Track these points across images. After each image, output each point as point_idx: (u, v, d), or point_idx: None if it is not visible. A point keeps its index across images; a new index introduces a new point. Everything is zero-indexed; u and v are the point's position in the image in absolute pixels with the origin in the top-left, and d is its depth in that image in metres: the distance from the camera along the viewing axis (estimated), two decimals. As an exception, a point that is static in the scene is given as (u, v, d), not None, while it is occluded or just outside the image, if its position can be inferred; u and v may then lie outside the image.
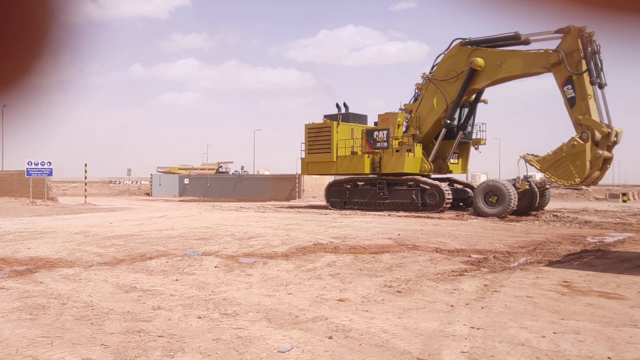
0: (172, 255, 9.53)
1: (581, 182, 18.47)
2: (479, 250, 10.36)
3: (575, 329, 4.79)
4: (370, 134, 24.09)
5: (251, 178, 46.53)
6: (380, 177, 24.00)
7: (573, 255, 9.88)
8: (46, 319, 5.12)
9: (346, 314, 5.38)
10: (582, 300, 6.02)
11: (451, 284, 6.99)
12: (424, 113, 23.17)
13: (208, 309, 5.61)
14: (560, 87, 18.42)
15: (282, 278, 7.48)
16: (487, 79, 21.18)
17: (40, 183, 30.39)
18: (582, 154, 17.49)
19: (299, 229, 14.55)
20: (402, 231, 13.93)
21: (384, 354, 4.10)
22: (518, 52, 20.34)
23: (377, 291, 6.56)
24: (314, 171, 27.09)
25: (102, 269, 8.19)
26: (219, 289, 6.72)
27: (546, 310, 5.54)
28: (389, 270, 8.10)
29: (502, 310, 5.51)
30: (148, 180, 56.53)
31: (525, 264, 8.76)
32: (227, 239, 12.25)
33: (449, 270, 8.16)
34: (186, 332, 4.69)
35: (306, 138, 26.25)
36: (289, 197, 38.22)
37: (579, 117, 17.73)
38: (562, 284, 6.95)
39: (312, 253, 9.97)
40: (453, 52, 22.00)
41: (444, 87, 22.23)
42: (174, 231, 13.98)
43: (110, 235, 12.83)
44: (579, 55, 18.00)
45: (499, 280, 7.21)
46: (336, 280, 7.29)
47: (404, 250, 10.39)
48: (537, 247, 10.83)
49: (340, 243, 11.41)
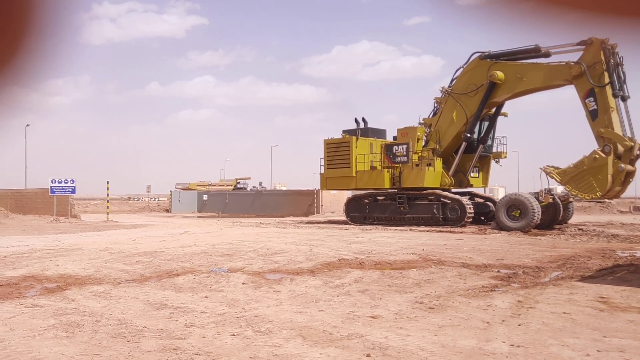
0: (199, 272, 9.54)
1: (602, 196, 18.17)
2: (507, 265, 10.21)
3: (619, 346, 4.67)
4: (390, 148, 24.03)
5: (269, 194, 46.65)
6: (400, 191, 23.88)
7: (605, 269, 9.68)
8: (82, 337, 5.13)
9: (381, 331, 5.31)
10: (622, 316, 5.88)
11: (483, 300, 6.88)
12: (443, 127, 23.08)
13: (241, 326, 5.58)
14: (582, 99, 18.21)
15: (311, 294, 7.43)
16: (507, 92, 21.04)
17: (64, 201, 30.80)
18: (604, 168, 17.21)
19: (321, 245, 14.50)
20: (426, 246, 13.81)
21: (425, 372, 4.03)
22: (539, 64, 20.20)
23: (409, 307, 6.48)
24: (334, 186, 27.06)
25: (131, 286, 8.22)
26: (249, 305, 6.70)
27: (586, 327, 5.41)
28: (418, 286, 8.01)
29: (540, 327, 5.39)
30: (167, 196, 56.97)
31: (557, 279, 8.60)
32: (251, 255, 12.24)
33: (479, 285, 8.04)
34: (222, 350, 4.66)
35: (325, 153, 26.27)
36: (307, 212, 38.18)
37: (601, 130, 17.49)
38: (599, 300, 6.79)
39: (337, 269, 9.91)
40: (472, 66, 21.94)
41: (463, 100, 22.14)
42: (197, 247, 14.02)
43: (135, 252, 12.91)
44: (601, 67, 17.81)
45: (532, 296, 7.08)
46: (366, 297, 7.22)
47: (431, 265, 10.28)
48: (567, 262, 10.64)
49: (364, 259, 11.33)
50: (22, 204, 35.97)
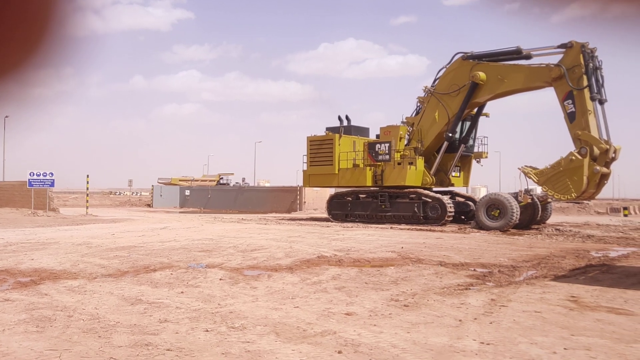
0: (177, 267, 9.49)
1: (577, 197, 18.48)
2: (484, 264, 10.33)
3: (586, 345, 4.76)
4: (372, 146, 24.12)
5: (252, 190, 46.51)
6: (382, 189, 23.99)
7: (578, 269, 9.85)
8: (53, 332, 5.09)
9: (354, 328, 5.34)
10: (590, 315, 5.99)
11: (458, 298, 6.96)
12: (425, 126, 23.23)
13: (215, 322, 5.58)
14: (560, 101, 18.48)
15: (287, 291, 7.45)
16: (489, 92, 21.25)
17: (42, 194, 30.38)
18: (580, 169, 17.51)
19: (301, 242, 14.52)
20: (406, 244, 13.90)
21: (395, 369, 4.07)
22: (520, 66, 20.43)
23: (384, 305, 6.53)
24: (316, 183, 27.09)
25: (107, 281, 8.15)
26: (225, 301, 6.69)
27: (555, 325, 5.51)
28: (394, 284, 8.07)
29: (511, 326, 5.48)
30: (149, 191, 56.50)
31: (530, 278, 8.73)
32: (231, 251, 12.22)
33: (455, 284, 8.13)
34: (194, 346, 4.66)
35: (308, 150, 26.27)
36: (290, 209, 38.17)
37: (578, 132, 17.78)
38: (570, 299, 6.92)
39: (316, 266, 9.93)
40: (455, 66, 22.11)
41: (445, 100, 22.30)
42: (176, 243, 13.95)
43: (113, 247, 12.80)
44: (580, 70, 18.09)
45: (505, 295, 7.18)
46: (342, 294, 7.26)
47: (409, 263, 10.36)
48: (542, 261, 10.80)
49: (344, 256, 11.37)
50: (-1, 196, 35.39)
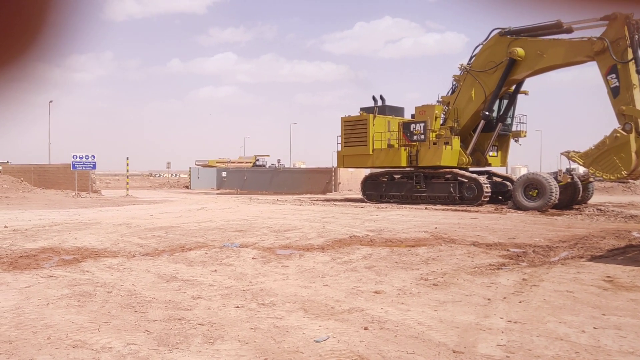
0: (211, 247, 9.73)
1: (628, 175, 17.83)
2: (518, 244, 10.20)
3: (616, 324, 4.70)
4: (407, 126, 23.89)
5: (287, 171, 46.83)
6: (417, 170, 23.80)
7: (617, 250, 9.63)
8: (93, 306, 5.34)
9: (382, 306, 5.41)
10: (625, 295, 5.88)
11: (488, 278, 6.93)
12: (461, 105, 22.84)
13: (246, 299, 5.74)
14: (604, 76, 17.84)
15: (318, 270, 7.56)
16: (528, 69, 20.69)
17: (85, 176, 31.40)
18: (627, 146, 16.91)
19: (335, 222, 14.61)
20: (439, 224, 13.83)
21: (419, 345, 4.13)
22: (560, 40, 19.78)
23: (413, 284, 6.57)
24: (350, 164, 27.08)
25: (144, 259, 8.44)
26: (257, 279, 6.85)
27: (587, 305, 5.44)
28: (425, 264, 8.08)
29: (540, 305, 5.44)
30: (187, 173, 57.61)
31: (566, 259, 8.59)
32: (264, 231, 12.42)
33: (487, 264, 8.08)
34: (225, 321, 4.81)
35: (342, 131, 26.21)
36: (325, 190, 38.31)
37: (622, 107, 17.16)
38: (605, 279, 6.79)
39: (348, 246, 10.01)
40: (492, 43, 21.56)
41: (482, 78, 21.83)
42: (212, 223, 14.25)
43: (151, 227, 13.19)
44: (624, 43, 17.39)
45: (538, 275, 7.10)
46: (372, 273, 7.32)
47: (441, 243, 10.32)
48: (579, 242, 10.58)
49: (376, 236, 11.41)
50: (45, 178, 36.76)
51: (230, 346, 4.09)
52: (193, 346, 4.08)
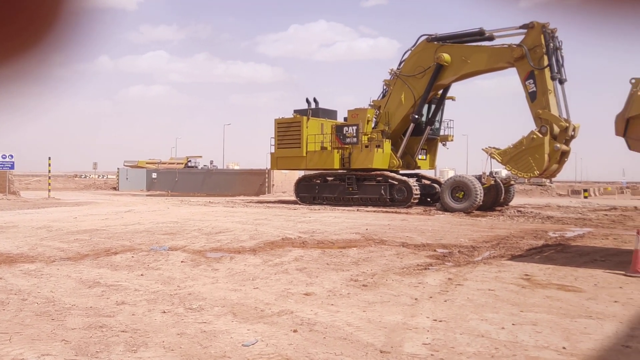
0: (138, 250, 9.41)
1: (540, 175, 19.02)
2: (445, 245, 10.54)
3: (533, 320, 4.94)
4: (340, 129, 24.16)
5: (220, 173, 46.11)
6: (349, 172, 24.11)
7: (535, 249, 10.15)
8: (5, 315, 5.01)
9: (311, 308, 5.42)
10: (541, 292, 6.21)
11: (416, 278, 7.10)
12: (392, 109, 23.36)
13: (173, 303, 5.58)
14: (522, 81, 18.89)
15: (248, 272, 7.48)
16: (454, 74, 21.50)
17: (2, 177, 29.51)
18: (541, 147, 17.98)
19: (267, 224, 14.53)
20: (370, 226, 14.06)
21: (347, 346, 4.16)
22: (483, 47, 20.74)
23: (343, 285, 6.62)
24: (284, 166, 27.05)
25: (65, 264, 8.03)
26: (185, 283, 6.68)
27: (506, 302, 5.69)
28: (355, 265, 8.18)
29: (464, 303, 5.63)
30: (115, 174, 55.48)
31: (488, 258, 8.96)
32: (195, 233, 12.15)
33: (415, 264, 8.29)
34: (150, 327, 4.65)
35: (276, 133, 26.14)
36: (259, 192, 38.05)
37: (539, 111, 18.22)
38: (523, 277, 7.14)
39: (280, 248, 9.98)
40: (420, 48, 22.25)
41: (411, 82, 22.45)
42: (140, 226, 13.79)
43: (75, 230, 12.58)
44: (541, 50, 18.47)
45: (462, 274, 7.36)
46: (303, 275, 7.33)
47: (371, 244, 10.49)
48: (501, 242, 11.08)
49: (308, 238, 11.44)
50: (-43, 179, 34.23)
51: (154, 353, 3.95)
52: (114, 355, 3.91)
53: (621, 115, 8.25)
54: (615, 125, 8.41)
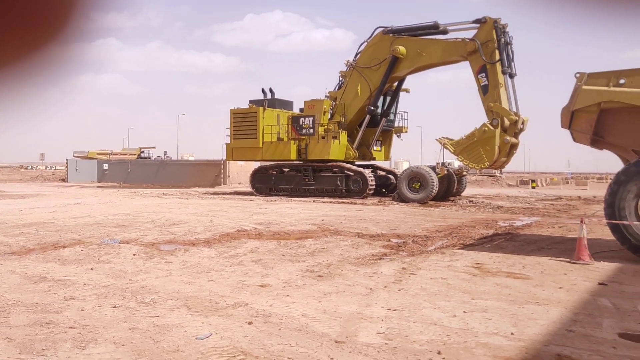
0: (88, 244, 9.13)
1: (490, 166, 19.57)
2: (399, 235, 10.69)
3: (483, 307, 5.07)
4: (297, 120, 24.10)
5: (174, 164, 45.27)
6: (305, 163, 24.11)
7: (485, 238, 10.43)
8: (-57, 314, 4.76)
9: (267, 300, 5.39)
10: (491, 280, 6.38)
11: (371, 268, 7.18)
12: (348, 100, 23.47)
13: (124, 297, 5.44)
14: (475, 75, 19.33)
15: (203, 265, 7.38)
16: (409, 66, 21.76)
17: (-60, 168, 28.06)
18: (492, 140, 18.48)
19: (222, 216, 14.37)
20: (326, 217, 14.11)
21: (302, 337, 4.16)
22: (438, 40, 21.07)
23: (299, 276, 6.62)
24: (240, 157, 26.80)
25: (9, 259, 7.71)
26: (137, 277, 6.53)
27: (458, 290, 5.82)
28: (311, 256, 8.19)
29: (417, 292, 5.73)
30: (64, 165, 53.62)
31: (441, 248, 9.14)
32: (148, 226, 11.90)
33: (370, 254, 8.37)
34: (100, 322, 4.52)
35: (231, 123, 25.85)
36: (214, 183, 37.60)
37: (490, 104, 18.70)
38: (474, 266, 7.32)
39: (235, 239, 9.89)
40: (376, 40, 22.41)
41: (367, 74, 22.60)
42: (90, 218, 13.39)
43: (20, 224, 12.10)
44: (493, 45, 18.93)
45: (416, 264, 7.49)
46: (258, 266, 7.29)
47: (327, 235, 10.53)
48: (453, 231, 11.33)
49: (264, 229, 11.39)
50: None
51: (104, 349, 3.84)
52: (61, 352, 3.78)
53: (566, 108, 8.55)
54: (561, 118, 8.71)
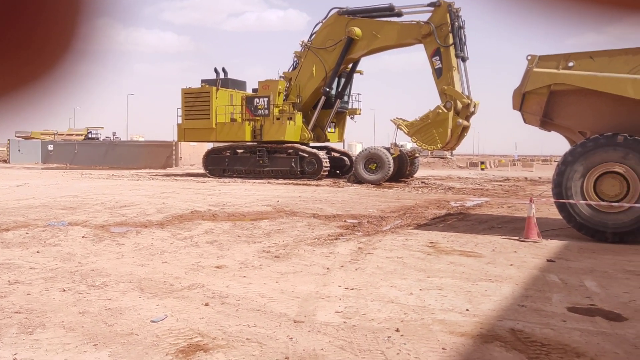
0: (33, 226, 8.75)
1: (442, 148, 19.94)
2: (354, 216, 10.76)
3: (439, 285, 5.17)
4: (251, 100, 23.76)
5: (124, 145, 43.97)
6: (260, 144, 23.88)
7: (438, 218, 10.64)
8: None
9: (223, 281, 5.32)
10: (445, 259, 6.51)
11: (327, 248, 7.19)
12: (303, 81, 23.30)
13: (74, 281, 5.25)
14: (429, 57, 19.53)
15: (156, 247, 7.20)
16: (364, 48, 21.76)
17: None
18: (446, 122, 18.81)
19: (175, 197, 14.08)
20: (281, 198, 14.05)
21: (261, 317, 4.12)
22: (393, 23, 21.12)
23: (255, 257, 6.56)
24: (192, 138, 26.24)
25: (-53, 243, 7.30)
26: (87, 259, 6.31)
27: (414, 269, 5.91)
28: (267, 236, 8.13)
29: (374, 271, 5.78)
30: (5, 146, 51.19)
31: (396, 227, 9.26)
32: (97, 207, 11.52)
33: (326, 234, 8.39)
34: (48, 307, 4.34)
35: (183, 103, 25.21)
36: (165, 164, 36.80)
37: (444, 87, 18.98)
38: (429, 245, 7.45)
39: (189, 221, 9.70)
40: (331, 21, 22.26)
41: (322, 55, 22.47)
42: (35, 200, 12.84)
43: (-42, 206, 11.48)
44: (447, 28, 19.14)
45: (372, 243, 7.56)
46: (214, 248, 7.18)
47: (283, 216, 10.49)
48: (407, 212, 11.50)
49: (218, 210, 11.23)
50: None
51: (52, 334, 3.69)
52: (7, 337, 3.60)
53: (518, 90, 8.74)
54: (512, 100, 8.90)
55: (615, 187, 7.88)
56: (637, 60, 7.82)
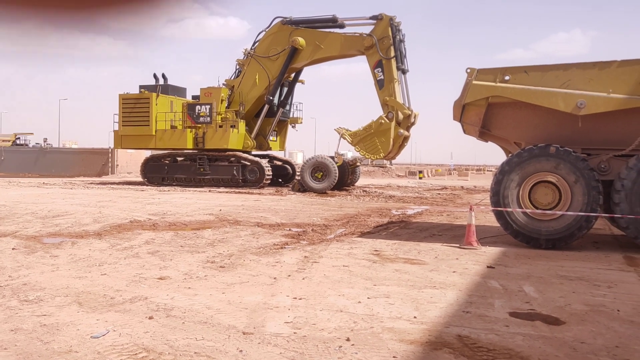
0: (-44, 238, 8.19)
1: (384, 157, 20.38)
2: (299, 224, 10.74)
3: (386, 293, 5.22)
4: (193, 108, 23.35)
5: (56, 152, 42.03)
6: (201, 152, 23.48)
7: (381, 226, 10.79)
8: None
9: (167, 293, 5.15)
10: (390, 266, 6.60)
11: (273, 257, 7.12)
12: (246, 89, 23.16)
13: (4, 296, 4.93)
14: (371, 69, 19.94)
15: (94, 258, 6.90)
16: (308, 57, 21.91)
17: None
18: (388, 132, 19.25)
19: (112, 206, 13.57)
20: (224, 207, 13.83)
21: (208, 330, 4.01)
22: (336, 34, 21.40)
23: (200, 267, 6.41)
24: (130, 145, 25.44)
25: None
26: (18, 272, 5.95)
27: (360, 277, 5.94)
28: (211, 246, 7.97)
29: (321, 280, 5.77)
30: None
31: (340, 236, 9.31)
32: (28, 217, 10.93)
33: (271, 243, 8.31)
34: (-24, 325, 4.05)
35: (120, 109, 24.43)
36: (101, 172, 35.51)
37: (386, 98, 19.41)
38: (373, 253, 7.53)
39: (128, 231, 9.37)
40: (274, 30, 22.28)
41: (265, 64, 22.43)
42: (-42, 210, 12.03)
43: None
44: (388, 41, 19.62)
45: (317, 252, 7.55)
46: (156, 258, 6.95)
47: (226, 225, 10.32)
48: (350, 220, 11.59)
49: (159, 220, 10.91)
50: None
51: (-17, 354, 3.44)
52: None
53: (458, 102, 9.04)
54: (453, 111, 9.19)
55: (548, 196, 8.27)
56: (567, 76, 8.26)
